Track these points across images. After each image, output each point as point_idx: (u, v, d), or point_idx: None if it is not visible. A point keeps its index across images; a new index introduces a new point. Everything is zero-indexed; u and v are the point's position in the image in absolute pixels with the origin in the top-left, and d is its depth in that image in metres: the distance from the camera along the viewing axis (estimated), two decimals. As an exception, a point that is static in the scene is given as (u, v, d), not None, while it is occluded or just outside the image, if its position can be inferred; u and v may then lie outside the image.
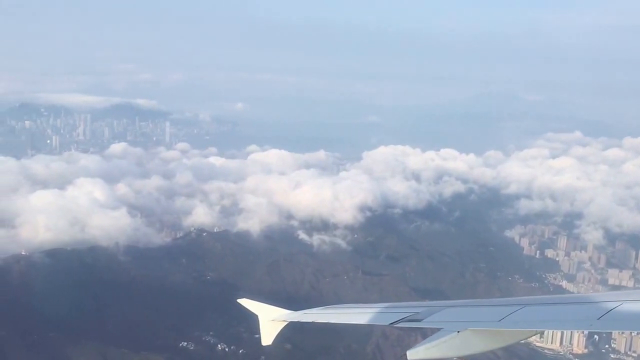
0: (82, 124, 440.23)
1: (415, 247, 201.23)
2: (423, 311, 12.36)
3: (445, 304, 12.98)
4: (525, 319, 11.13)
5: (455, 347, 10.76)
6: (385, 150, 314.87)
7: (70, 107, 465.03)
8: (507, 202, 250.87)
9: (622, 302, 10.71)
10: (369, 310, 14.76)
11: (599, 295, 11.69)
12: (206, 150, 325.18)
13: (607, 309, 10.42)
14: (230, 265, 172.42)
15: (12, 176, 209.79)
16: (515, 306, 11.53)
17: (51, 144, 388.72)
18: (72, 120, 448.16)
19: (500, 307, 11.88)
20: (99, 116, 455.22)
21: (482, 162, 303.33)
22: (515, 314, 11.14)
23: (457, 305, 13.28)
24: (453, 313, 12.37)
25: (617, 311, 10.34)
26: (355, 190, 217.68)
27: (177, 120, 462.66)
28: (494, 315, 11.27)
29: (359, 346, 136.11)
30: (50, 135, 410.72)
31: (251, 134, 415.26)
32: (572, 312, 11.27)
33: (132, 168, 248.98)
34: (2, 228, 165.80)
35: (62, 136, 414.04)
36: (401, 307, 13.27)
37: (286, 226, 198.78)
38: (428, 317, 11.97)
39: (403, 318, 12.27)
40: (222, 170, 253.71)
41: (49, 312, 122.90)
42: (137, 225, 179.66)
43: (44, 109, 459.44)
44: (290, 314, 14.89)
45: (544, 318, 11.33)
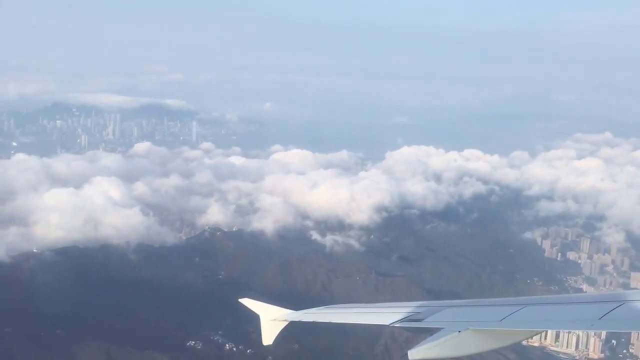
0: (112, 123, 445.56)
1: (432, 249, 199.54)
2: (424, 311, 12.34)
3: (446, 303, 12.96)
4: (526, 318, 11.07)
5: (457, 347, 10.70)
6: (408, 151, 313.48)
7: (101, 107, 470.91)
8: (529, 204, 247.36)
9: (623, 302, 10.62)
10: (369, 310, 15.05)
11: (600, 295, 11.73)
12: (230, 150, 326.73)
13: (609, 309, 10.35)
14: (243, 264, 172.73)
15: (33, 175, 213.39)
16: (516, 306, 11.48)
17: (80, 143, 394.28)
18: (102, 120, 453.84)
19: (501, 307, 11.75)
20: (129, 116, 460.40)
21: (506, 162, 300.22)
22: (516, 313, 11.09)
23: (458, 305, 13.22)
24: (454, 313, 12.31)
25: (619, 311, 10.28)
26: (372, 191, 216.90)
27: (204, 120, 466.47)
28: (495, 315, 11.21)
29: (367, 347, 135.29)
30: (80, 135, 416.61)
31: (277, 134, 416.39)
32: (573, 312, 11.20)
33: (153, 167, 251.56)
34: (16, 226, 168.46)
35: (91, 135, 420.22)
36: (402, 307, 13.15)
37: (301, 226, 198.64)
38: (429, 317, 11.97)
39: (404, 318, 12.29)
40: (241, 170, 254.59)
41: (56, 309, 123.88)
42: (150, 224, 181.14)
43: (75, 109, 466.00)
44: (291, 314, 14.96)
45: (545, 318, 11.28)
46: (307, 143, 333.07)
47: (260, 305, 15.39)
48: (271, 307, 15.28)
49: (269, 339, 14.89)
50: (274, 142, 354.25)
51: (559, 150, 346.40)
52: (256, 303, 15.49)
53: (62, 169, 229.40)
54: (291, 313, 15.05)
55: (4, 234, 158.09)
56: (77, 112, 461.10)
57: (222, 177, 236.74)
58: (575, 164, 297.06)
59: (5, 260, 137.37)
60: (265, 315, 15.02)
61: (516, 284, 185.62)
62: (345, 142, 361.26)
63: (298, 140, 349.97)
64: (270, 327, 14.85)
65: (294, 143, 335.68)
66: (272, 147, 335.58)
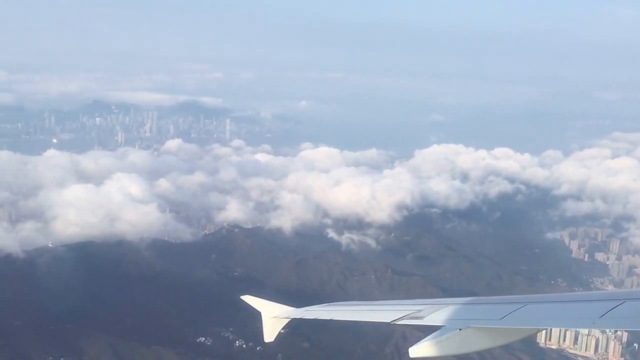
0: (149, 121, 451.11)
1: (452, 248, 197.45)
2: (425, 309, 12.37)
3: (447, 301, 12.97)
4: (527, 317, 11.12)
5: (458, 345, 10.75)
6: (437, 149, 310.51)
7: (140, 105, 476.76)
8: (555, 203, 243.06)
9: (624, 300, 10.63)
10: (371, 308, 15.08)
11: (601, 294, 11.80)
12: (260, 148, 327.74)
13: (609, 308, 10.36)
14: (259, 261, 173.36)
15: (60, 171, 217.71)
16: (517, 304, 11.52)
17: (117, 141, 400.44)
18: (140, 118, 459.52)
19: (502, 305, 11.82)
20: (166, 114, 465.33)
21: (537, 161, 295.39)
22: (517, 312, 11.15)
23: (459, 303, 13.11)
24: (455, 311, 12.29)
25: (619, 310, 10.29)
26: (393, 189, 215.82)
27: (239, 118, 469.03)
28: (496, 313, 11.28)
29: (377, 347, 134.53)
30: (118, 132, 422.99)
31: (311, 132, 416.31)
32: (574, 311, 11.21)
33: (180, 164, 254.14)
34: (34, 221, 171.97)
35: (129, 133, 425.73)
36: (404, 305, 13.25)
37: (319, 224, 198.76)
38: (430, 314, 12.00)
39: (405, 315, 12.31)
40: (266, 168, 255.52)
41: (67, 304, 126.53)
42: (168, 221, 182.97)
43: (114, 107, 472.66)
44: (292, 311, 15.14)
45: (545, 316, 11.35)
46: (339, 141, 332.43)
47: (262, 303, 15.59)
48: (273, 305, 15.46)
49: (270, 336, 15.09)
50: (306, 140, 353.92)
51: (593, 149, 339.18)
52: (258, 300, 15.68)
53: (90, 166, 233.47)
54: (293, 310, 15.18)
55: (21, 229, 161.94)
56: (116, 110, 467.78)
57: (246, 175, 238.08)
58: (608, 163, 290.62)
59: (19, 254, 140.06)
60: (266, 312, 15.23)
61: (538, 284, 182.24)
62: (379, 140, 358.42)
63: (330, 138, 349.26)
64: (271, 324, 15.05)
65: (326, 141, 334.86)
66: (302, 145, 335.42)
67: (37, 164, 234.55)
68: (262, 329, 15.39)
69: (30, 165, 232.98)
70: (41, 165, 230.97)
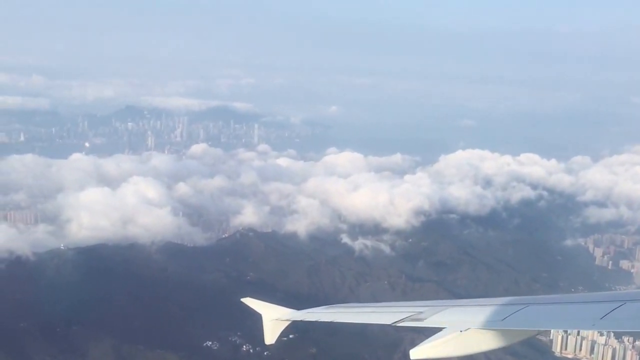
0: (180, 126, 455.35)
1: (471, 254, 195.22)
2: (426, 311, 12.38)
3: (448, 303, 13.06)
4: (528, 318, 11.13)
5: (459, 347, 10.76)
6: (462, 155, 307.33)
7: (171, 110, 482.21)
8: (578, 210, 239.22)
9: (624, 302, 10.63)
10: (372, 310, 15.19)
11: (601, 295, 11.64)
12: (285, 152, 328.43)
13: (610, 309, 10.36)
14: (272, 266, 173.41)
15: (82, 174, 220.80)
16: (518, 305, 11.54)
17: (147, 145, 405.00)
18: (172, 123, 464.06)
19: (503, 307, 11.83)
20: (197, 119, 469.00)
21: (564, 167, 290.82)
22: (518, 313, 11.17)
23: (460, 305, 13.21)
24: (456, 312, 12.36)
25: (620, 311, 10.28)
26: (412, 195, 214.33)
27: (269, 123, 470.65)
28: (497, 314, 11.32)
29: (386, 354, 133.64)
30: (149, 137, 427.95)
31: (340, 137, 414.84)
32: (575, 312, 11.22)
33: (202, 168, 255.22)
34: (48, 224, 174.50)
35: (159, 137, 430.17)
36: (405, 307, 13.26)
37: (335, 229, 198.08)
38: (431, 316, 12.02)
39: (406, 318, 12.33)
40: (287, 172, 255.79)
41: (74, 306, 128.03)
42: (182, 224, 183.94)
43: (146, 112, 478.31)
44: (293, 313, 15.03)
45: (546, 317, 11.34)
46: (366, 146, 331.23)
47: (262, 305, 15.45)
48: (273, 307, 15.30)
49: (271, 338, 14.88)
50: (332, 145, 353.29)
51: (623, 155, 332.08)
52: (258, 302, 15.57)
53: (111, 169, 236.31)
54: (294, 312, 15.05)
55: (34, 231, 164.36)
56: (148, 115, 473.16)
57: (266, 179, 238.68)
58: (637, 169, 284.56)
59: (29, 256, 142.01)
60: (267, 314, 15.05)
61: (557, 292, 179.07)
62: (407, 146, 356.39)
63: (358, 143, 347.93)
64: (272, 326, 14.87)
65: (353, 146, 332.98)
66: (328, 150, 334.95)
67: (62, 167, 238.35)
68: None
69: (55, 168, 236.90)
70: (65, 169, 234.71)
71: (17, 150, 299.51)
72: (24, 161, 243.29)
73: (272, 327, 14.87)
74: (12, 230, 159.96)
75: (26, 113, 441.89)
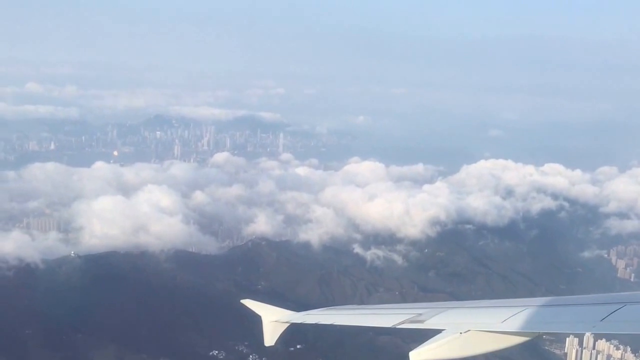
0: (207, 135, 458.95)
1: (487, 265, 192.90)
2: (426, 312, 12.44)
3: (448, 305, 13.11)
4: (528, 320, 11.13)
5: (458, 348, 10.77)
6: (484, 164, 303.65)
7: (199, 120, 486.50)
8: (602, 221, 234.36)
9: (624, 304, 10.68)
10: (372, 312, 15.42)
11: (602, 297, 11.64)
12: (307, 162, 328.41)
13: (610, 311, 10.42)
14: (283, 275, 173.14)
15: (101, 182, 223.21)
16: (517, 308, 11.57)
17: (174, 154, 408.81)
18: (199, 132, 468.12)
19: (502, 309, 11.86)
20: (224, 128, 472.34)
21: (589, 178, 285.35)
22: (517, 315, 11.22)
23: (460, 307, 13.31)
24: (455, 314, 12.44)
25: (620, 313, 10.34)
26: (428, 205, 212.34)
27: (295, 133, 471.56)
28: (497, 316, 11.36)
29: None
30: (176, 146, 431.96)
31: (365, 146, 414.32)
32: (575, 314, 11.24)
33: (221, 177, 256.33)
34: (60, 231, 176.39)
35: (187, 146, 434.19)
36: (405, 309, 13.37)
37: (348, 239, 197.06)
38: (431, 318, 12.07)
39: (406, 320, 12.38)
40: (305, 181, 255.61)
41: (81, 313, 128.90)
42: (195, 233, 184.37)
43: (175, 121, 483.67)
44: (293, 315, 15.05)
45: (546, 320, 11.31)
46: (390, 155, 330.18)
47: (262, 306, 15.50)
48: (273, 308, 15.37)
49: (270, 340, 14.84)
50: (357, 155, 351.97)
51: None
52: (258, 304, 15.64)
53: (131, 178, 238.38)
54: (293, 314, 15.03)
55: (45, 238, 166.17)
56: (176, 124, 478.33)
57: (284, 188, 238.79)
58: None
59: (38, 264, 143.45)
60: (267, 316, 15.05)
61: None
62: (432, 155, 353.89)
63: (382, 152, 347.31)
64: (272, 328, 14.84)
65: (377, 155, 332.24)
66: (350, 159, 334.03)
67: (83, 175, 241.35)
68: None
69: (76, 176, 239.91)
70: (86, 177, 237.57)
71: (46, 158, 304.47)
72: (46, 169, 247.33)
73: (272, 329, 14.79)
74: (25, 237, 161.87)
75: (57, 122, 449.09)
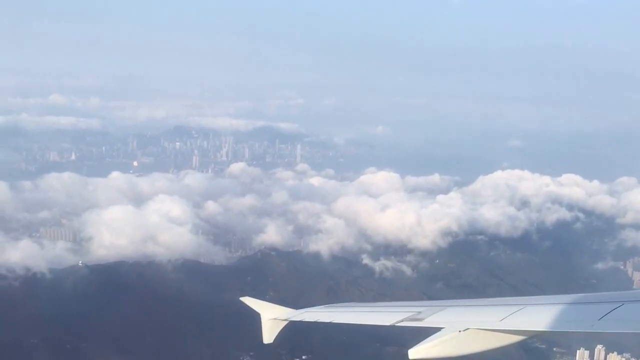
0: (226, 145, 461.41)
1: (499, 276, 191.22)
2: (425, 311, 12.44)
3: (447, 303, 13.18)
4: (526, 319, 11.22)
5: (457, 347, 10.80)
6: (501, 175, 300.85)
7: (219, 130, 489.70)
8: (617, 232, 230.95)
9: (623, 302, 10.73)
10: (371, 310, 15.46)
11: (600, 296, 11.80)
12: (323, 172, 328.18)
13: (609, 310, 10.44)
14: (292, 285, 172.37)
15: (115, 192, 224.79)
16: (516, 306, 11.67)
17: (193, 164, 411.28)
18: (218, 142, 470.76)
19: (501, 307, 11.93)
20: (243, 138, 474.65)
21: (606, 189, 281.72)
22: (516, 314, 11.30)
23: (459, 305, 13.40)
24: (454, 313, 12.48)
25: (619, 312, 10.37)
26: (440, 215, 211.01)
27: (313, 143, 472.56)
28: (496, 315, 11.40)
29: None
30: (195, 156, 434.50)
31: (383, 156, 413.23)
32: (573, 313, 11.24)
33: (235, 187, 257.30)
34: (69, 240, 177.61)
35: (206, 156, 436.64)
36: (404, 307, 13.37)
37: (359, 249, 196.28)
38: (430, 316, 12.09)
39: (405, 318, 12.38)
40: (318, 192, 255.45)
41: (86, 322, 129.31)
42: (204, 243, 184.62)
43: (194, 132, 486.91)
44: (292, 312, 15.12)
45: (544, 318, 11.25)
46: (407, 166, 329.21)
47: (261, 304, 15.62)
48: (272, 306, 15.48)
49: (269, 338, 14.77)
50: (374, 165, 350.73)
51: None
52: (257, 301, 15.76)
53: (146, 188, 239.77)
54: (292, 311, 15.08)
55: (53, 248, 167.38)
56: (196, 135, 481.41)
57: (297, 198, 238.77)
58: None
59: (45, 273, 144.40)
60: (265, 313, 15.10)
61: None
62: (449, 166, 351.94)
63: (400, 162, 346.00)
64: (270, 325, 14.85)
65: (394, 165, 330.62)
66: (367, 170, 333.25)
67: (98, 185, 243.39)
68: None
69: (91, 186, 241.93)
70: (101, 187, 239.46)
71: (66, 168, 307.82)
72: (62, 179, 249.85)
73: (270, 327, 14.72)
74: (34, 247, 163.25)
75: (78, 133, 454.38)
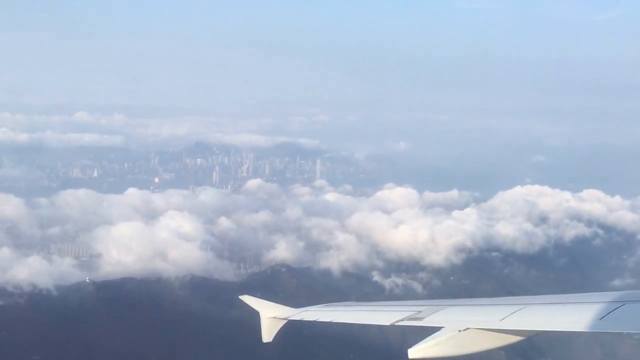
0: (247, 162, 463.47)
1: (514, 293, 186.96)
2: (425, 310, 12.53)
3: (447, 303, 13.25)
4: (527, 319, 11.23)
5: (457, 346, 10.90)
6: (520, 191, 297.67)
7: (240, 147, 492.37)
8: (637, 249, 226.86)
9: (624, 302, 10.78)
10: (371, 309, 15.56)
11: (601, 296, 11.64)
12: (340, 188, 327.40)
13: (610, 310, 10.51)
14: (301, 302, 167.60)
15: (128, 208, 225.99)
16: (516, 306, 11.64)
17: (213, 180, 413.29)
18: (239, 159, 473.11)
19: (501, 307, 11.94)
20: (264, 155, 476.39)
21: (628, 204, 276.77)
22: (516, 313, 11.27)
23: (459, 305, 13.42)
24: (454, 312, 12.52)
25: (620, 312, 10.42)
26: (454, 232, 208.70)
27: (334, 159, 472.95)
28: (496, 314, 11.41)
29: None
30: (215, 172, 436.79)
31: (404, 172, 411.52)
32: (574, 313, 11.24)
33: (250, 203, 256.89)
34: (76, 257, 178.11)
35: (226, 173, 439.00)
36: (403, 306, 13.57)
37: (370, 266, 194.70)
38: (429, 316, 12.17)
39: (404, 317, 12.60)
40: (333, 208, 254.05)
41: (89, 340, 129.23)
42: (213, 259, 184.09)
43: (215, 148, 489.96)
44: (291, 311, 15.46)
45: (545, 318, 11.45)
46: (427, 181, 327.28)
47: (260, 302, 15.83)
48: (271, 305, 15.67)
49: (268, 337, 15.19)
50: (393, 181, 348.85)
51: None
52: (256, 300, 15.99)
53: (160, 204, 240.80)
54: (291, 310, 15.35)
55: (61, 264, 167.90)
56: (217, 151, 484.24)
57: (311, 214, 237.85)
58: None
59: (51, 290, 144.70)
60: (265, 312, 15.38)
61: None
62: (470, 181, 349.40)
63: (420, 178, 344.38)
64: (270, 324, 15.21)
65: (414, 181, 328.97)
66: (385, 186, 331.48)
67: (113, 202, 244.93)
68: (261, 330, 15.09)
69: (106, 203, 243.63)
70: (116, 204, 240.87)
71: (87, 185, 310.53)
72: (77, 195, 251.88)
73: (270, 326, 15.01)
74: (42, 263, 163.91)
75: (101, 149, 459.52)
